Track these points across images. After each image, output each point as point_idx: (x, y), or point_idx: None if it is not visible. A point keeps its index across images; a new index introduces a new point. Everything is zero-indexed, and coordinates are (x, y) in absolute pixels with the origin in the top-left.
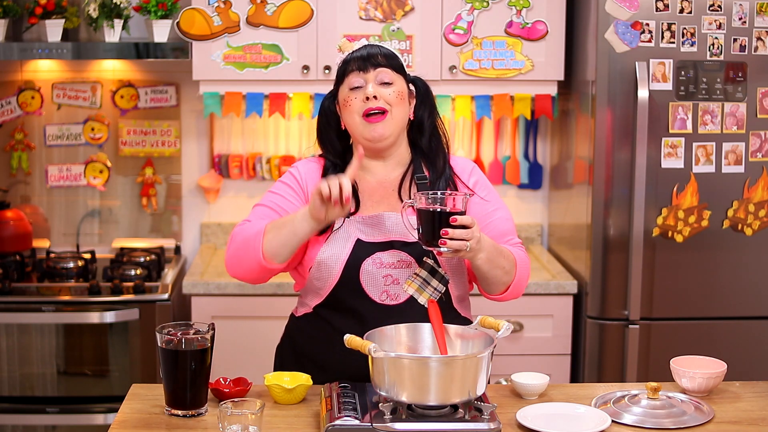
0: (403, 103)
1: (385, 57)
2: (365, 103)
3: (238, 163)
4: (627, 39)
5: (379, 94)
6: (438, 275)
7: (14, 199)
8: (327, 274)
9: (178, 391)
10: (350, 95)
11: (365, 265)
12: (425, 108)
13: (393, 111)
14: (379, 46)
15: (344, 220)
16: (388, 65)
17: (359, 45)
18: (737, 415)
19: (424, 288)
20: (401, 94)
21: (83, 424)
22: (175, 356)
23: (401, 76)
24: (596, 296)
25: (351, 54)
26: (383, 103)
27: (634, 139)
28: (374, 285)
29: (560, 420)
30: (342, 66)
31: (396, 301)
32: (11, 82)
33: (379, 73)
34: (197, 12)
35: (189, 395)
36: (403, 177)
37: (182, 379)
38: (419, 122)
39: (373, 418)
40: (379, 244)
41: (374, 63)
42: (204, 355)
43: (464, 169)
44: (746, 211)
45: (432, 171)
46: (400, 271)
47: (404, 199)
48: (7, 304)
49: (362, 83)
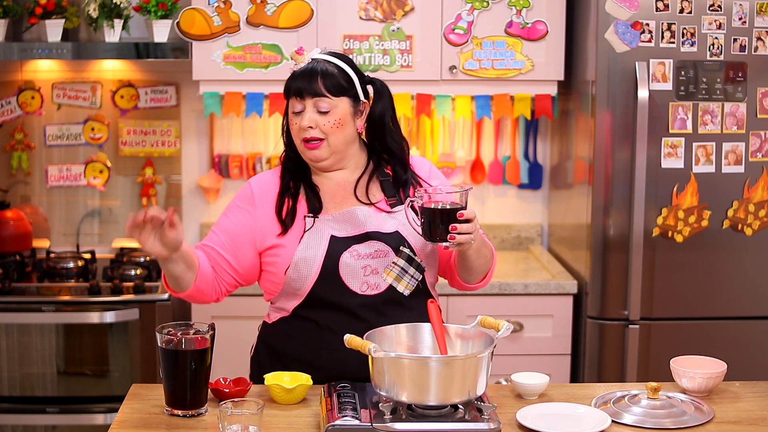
0: (340, 130)
1: (324, 81)
2: (303, 131)
3: (238, 163)
4: (627, 39)
5: (316, 123)
6: (414, 263)
7: (14, 199)
8: (306, 272)
9: (178, 391)
10: (293, 119)
11: (344, 258)
12: (384, 108)
13: (330, 139)
14: (325, 60)
15: (314, 220)
16: (327, 91)
17: (306, 60)
18: (737, 415)
19: (402, 276)
20: (339, 121)
21: (83, 424)
22: (175, 356)
23: (343, 97)
24: (596, 296)
25: (295, 71)
26: (318, 132)
27: (634, 139)
28: (354, 277)
29: (560, 420)
30: (289, 81)
31: (377, 291)
32: (11, 82)
33: (317, 102)
34: (197, 12)
35: (189, 395)
36: (360, 178)
37: (182, 379)
38: (379, 122)
39: (373, 418)
40: (355, 237)
41: (311, 92)
42: (204, 355)
43: (422, 166)
44: (746, 211)
45: (395, 170)
46: (378, 261)
47: (361, 199)
48: (7, 304)
49: (301, 108)
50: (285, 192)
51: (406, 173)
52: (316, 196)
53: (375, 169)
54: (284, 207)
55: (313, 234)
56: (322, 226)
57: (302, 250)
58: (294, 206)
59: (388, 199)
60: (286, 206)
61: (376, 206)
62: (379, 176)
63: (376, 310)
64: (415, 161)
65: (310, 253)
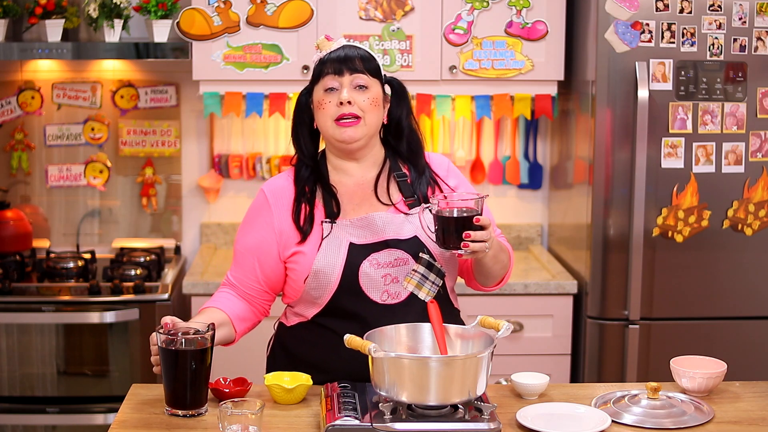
0: (376, 109)
1: (362, 60)
2: (339, 108)
3: (238, 163)
4: (627, 39)
5: (354, 99)
6: (435, 269)
7: (14, 199)
8: (325, 282)
9: (179, 391)
10: (324, 97)
11: (363, 267)
12: (401, 108)
13: (366, 117)
14: (356, 47)
15: (332, 226)
16: (365, 69)
17: (337, 45)
18: (737, 415)
19: (423, 283)
20: (375, 100)
21: (83, 424)
22: (175, 356)
23: (377, 80)
24: (596, 296)
25: (328, 54)
26: (357, 109)
27: (634, 139)
28: (374, 286)
29: (560, 420)
30: (318, 65)
31: (397, 300)
32: (11, 82)
33: (355, 78)
34: (197, 12)
35: (189, 395)
36: (379, 176)
37: (182, 379)
38: (396, 123)
39: (373, 418)
40: (373, 245)
41: (350, 67)
42: (204, 355)
43: (440, 165)
44: (746, 211)
45: (412, 170)
46: (398, 269)
47: (381, 198)
48: (7, 304)
49: (337, 86)
50: (301, 197)
51: (423, 172)
52: (334, 198)
53: (392, 168)
54: (302, 213)
55: (332, 241)
56: (341, 233)
57: (321, 259)
58: (311, 211)
59: (406, 199)
60: (304, 212)
61: (396, 206)
62: (396, 176)
63: (397, 320)
64: (433, 159)
65: (329, 262)
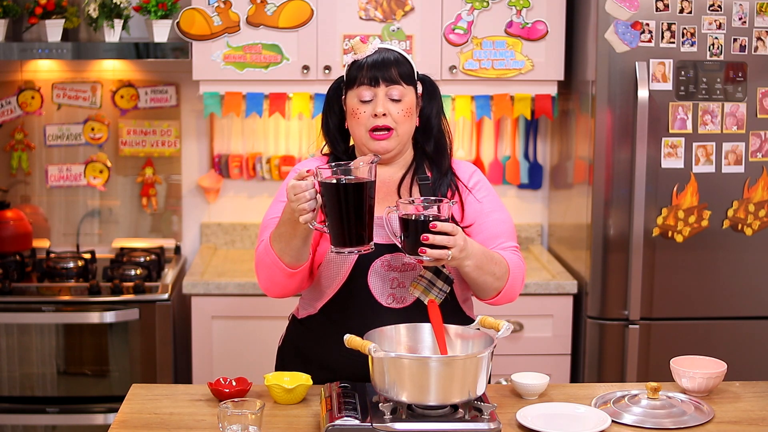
0: (409, 119)
1: (397, 67)
2: (373, 119)
3: (238, 163)
4: (627, 39)
5: (388, 111)
6: (443, 276)
7: (14, 199)
8: (335, 271)
9: (351, 227)
10: (359, 107)
11: (374, 265)
12: (432, 107)
13: (399, 129)
14: (391, 49)
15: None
16: (400, 77)
17: (372, 49)
18: (737, 415)
19: (430, 289)
20: (409, 110)
21: (83, 424)
22: (352, 189)
23: (411, 87)
24: (596, 296)
25: (365, 59)
26: (390, 121)
27: (634, 139)
28: (381, 287)
29: (560, 420)
30: (354, 70)
31: (402, 304)
32: (11, 82)
33: (390, 90)
34: (197, 12)
35: (359, 230)
36: (404, 177)
37: (359, 212)
38: (426, 121)
39: (373, 418)
40: (387, 246)
41: (386, 78)
42: (372, 188)
43: (466, 171)
44: (746, 211)
45: (435, 172)
46: (405, 275)
47: (404, 197)
48: (7, 304)
49: (372, 97)
50: None
51: (446, 176)
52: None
53: (416, 170)
54: None
55: None
56: None
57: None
58: None
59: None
60: None
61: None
62: (419, 179)
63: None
64: (460, 165)
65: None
